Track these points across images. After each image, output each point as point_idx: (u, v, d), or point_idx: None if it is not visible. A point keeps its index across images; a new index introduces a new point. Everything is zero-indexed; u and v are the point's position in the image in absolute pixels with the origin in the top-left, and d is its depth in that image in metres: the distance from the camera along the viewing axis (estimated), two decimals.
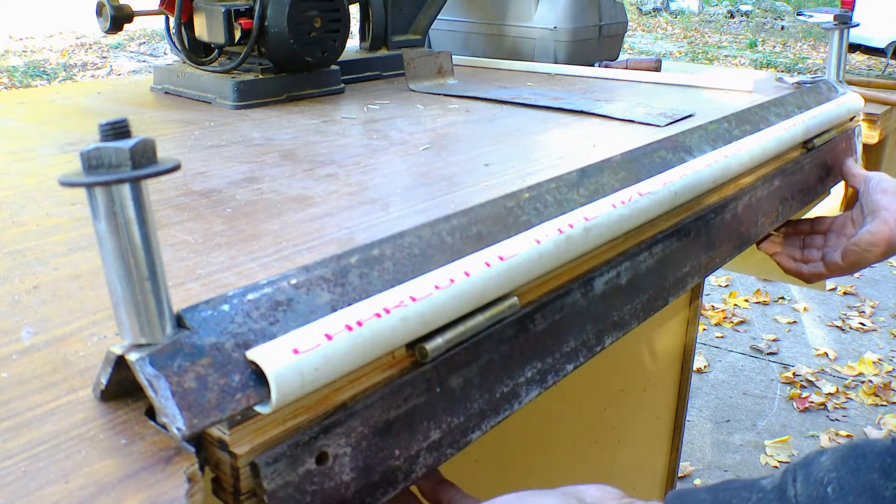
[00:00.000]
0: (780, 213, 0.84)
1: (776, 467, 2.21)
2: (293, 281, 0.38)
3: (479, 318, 0.43)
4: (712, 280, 3.14)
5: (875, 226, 0.83)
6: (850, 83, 1.12)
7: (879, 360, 2.76)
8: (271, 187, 0.64)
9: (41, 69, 6.16)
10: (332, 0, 0.99)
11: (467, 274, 0.42)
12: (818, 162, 0.91)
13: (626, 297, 0.57)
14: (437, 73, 1.11)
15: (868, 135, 1.10)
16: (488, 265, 0.43)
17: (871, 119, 1.08)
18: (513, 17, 1.34)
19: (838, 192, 1.23)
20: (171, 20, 0.99)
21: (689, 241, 0.65)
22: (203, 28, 0.99)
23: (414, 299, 0.39)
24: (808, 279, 0.91)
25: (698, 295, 1.26)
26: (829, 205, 1.24)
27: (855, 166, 0.92)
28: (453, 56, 1.16)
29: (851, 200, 1.00)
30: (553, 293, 0.50)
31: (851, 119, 1.01)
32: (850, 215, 0.90)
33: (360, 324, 0.36)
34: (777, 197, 0.82)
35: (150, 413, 0.35)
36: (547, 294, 0.49)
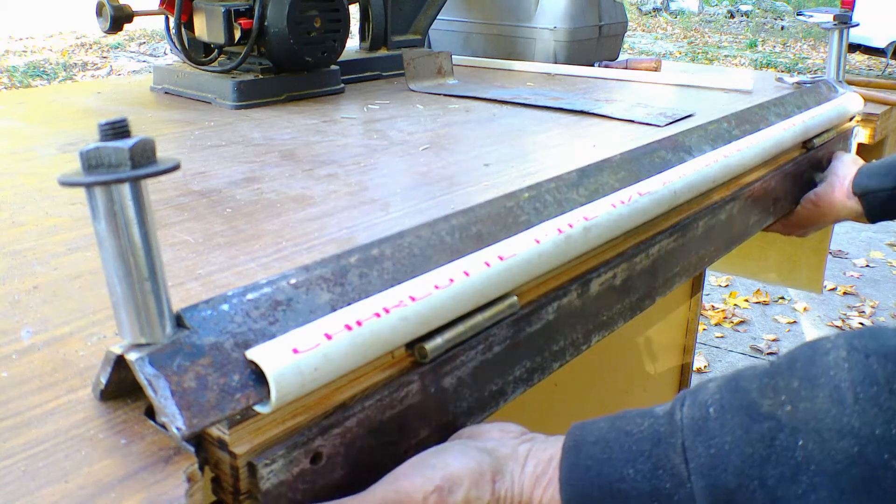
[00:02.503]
0: (773, 212, 0.84)
1: None
2: (293, 281, 0.38)
3: (479, 318, 0.43)
4: (712, 280, 3.14)
5: (822, 188, 0.89)
6: (850, 83, 1.12)
7: None
8: (271, 187, 0.64)
9: (41, 69, 6.16)
10: (332, 0, 0.99)
11: (467, 274, 0.42)
12: (817, 161, 0.91)
13: (618, 297, 0.57)
14: (437, 73, 1.11)
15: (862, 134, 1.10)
16: (488, 265, 0.43)
17: (868, 119, 1.08)
18: (513, 17, 1.34)
19: None
20: (171, 20, 0.99)
21: (686, 241, 0.65)
22: (203, 28, 0.99)
23: (413, 299, 0.39)
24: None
25: (698, 292, 1.26)
26: None
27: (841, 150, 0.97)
28: (453, 56, 1.16)
29: None
30: (551, 293, 0.50)
31: (851, 119, 1.01)
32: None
33: (359, 323, 0.36)
34: (775, 196, 0.82)
35: (150, 413, 0.35)
36: (545, 294, 0.49)
